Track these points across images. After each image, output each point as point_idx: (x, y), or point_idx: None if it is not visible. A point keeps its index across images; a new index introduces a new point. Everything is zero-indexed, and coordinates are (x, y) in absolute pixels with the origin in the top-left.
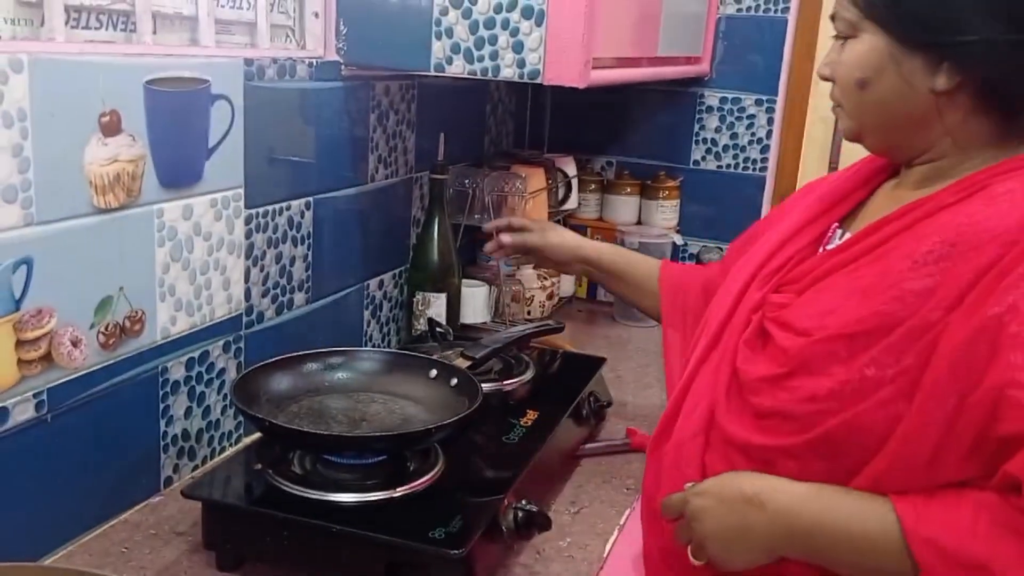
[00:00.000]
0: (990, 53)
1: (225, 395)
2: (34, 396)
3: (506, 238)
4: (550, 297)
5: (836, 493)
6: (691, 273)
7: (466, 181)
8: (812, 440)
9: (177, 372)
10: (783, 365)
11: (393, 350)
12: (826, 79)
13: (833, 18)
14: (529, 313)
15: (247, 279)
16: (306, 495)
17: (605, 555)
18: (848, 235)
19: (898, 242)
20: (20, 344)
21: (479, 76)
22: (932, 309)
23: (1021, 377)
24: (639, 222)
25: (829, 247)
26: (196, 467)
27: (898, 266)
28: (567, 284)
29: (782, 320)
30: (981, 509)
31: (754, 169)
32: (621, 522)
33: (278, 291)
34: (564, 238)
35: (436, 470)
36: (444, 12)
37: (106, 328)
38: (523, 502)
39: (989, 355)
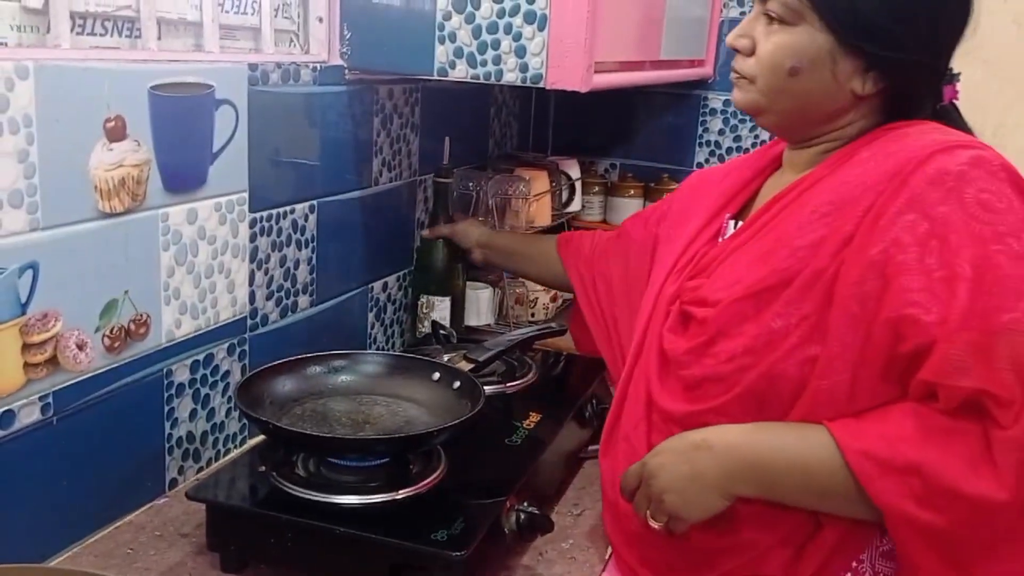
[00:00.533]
0: (913, 72)
1: (229, 398)
2: (40, 399)
3: (425, 232)
4: (553, 299)
5: (777, 425)
6: (586, 235)
7: (470, 184)
8: (738, 396)
9: (182, 375)
10: (703, 334)
11: (396, 353)
12: (738, 51)
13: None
14: (533, 315)
15: (251, 282)
16: (310, 497)
17: (607, 557)
18: (741, 223)
19: (787, 214)
20: (26, 347)
21: (482, 80)
22: (821, 257)
23: (914, 297)
24: None
25: (726, 237)
26: (201, 469)
27: (789, 231)
28: None
29: (697, 298)
30: (905, 418)
31: None
32: None
33: (282, 294)
34: (469, 226)
35: (439, 472)
36: (447, 17)
37: (111, 331)
38: (525, 504)
39: (882, 286)
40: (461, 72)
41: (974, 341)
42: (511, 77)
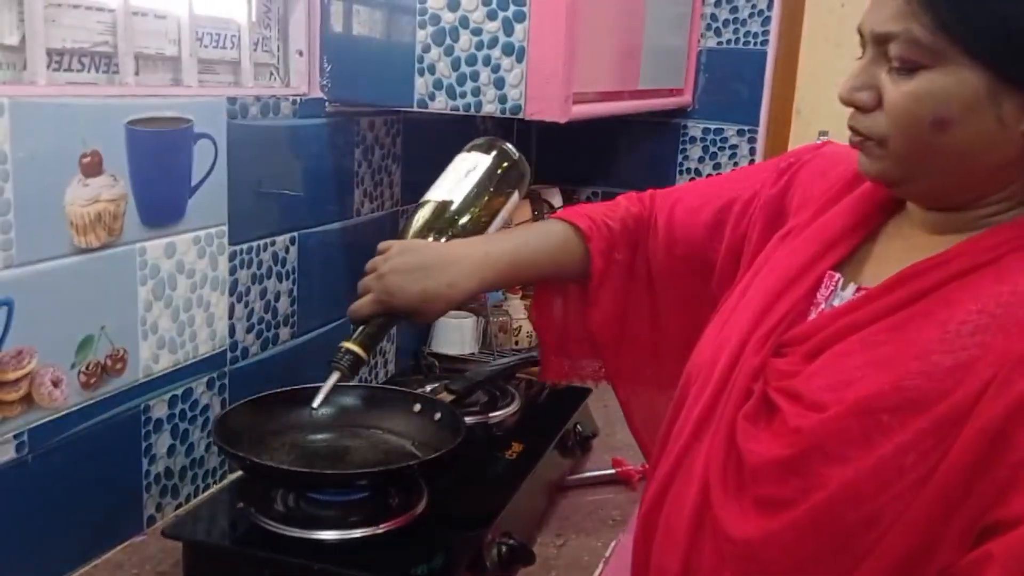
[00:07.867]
0: None
1: (209, 432)
2: (15, 437)
3: None
4: None
5: None
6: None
7: None
8: (824, 539)
9: (160, 410)
10: (793, 446)
11: (376, 385)
12: (858, 107)
13: (884, 39)
14: (517, 343)
15: (231, 315)
16: (289, 533)
17: None
18: (853, 285)
19: (925, 305)
20: (0, 385)
21: (462, 112)
22: (967, 394)
23: None
24: None
25: (835, 302)
26: (179, 505)
27: (925, 335)
28: None
29: (792, 391)
30: None
31: None
32: (607, 554)
33: (263, 327)
34: None
35: (420, 505)
36: (426, 49)
37: (87, 367)
38: (507, 537)
39: (1012, 433)
40: (441, 104)
41: None
42: (490, 108)
